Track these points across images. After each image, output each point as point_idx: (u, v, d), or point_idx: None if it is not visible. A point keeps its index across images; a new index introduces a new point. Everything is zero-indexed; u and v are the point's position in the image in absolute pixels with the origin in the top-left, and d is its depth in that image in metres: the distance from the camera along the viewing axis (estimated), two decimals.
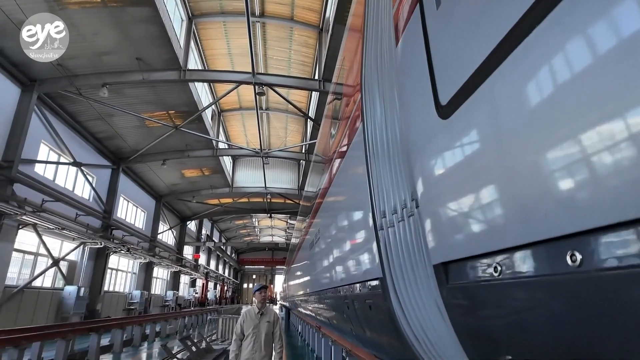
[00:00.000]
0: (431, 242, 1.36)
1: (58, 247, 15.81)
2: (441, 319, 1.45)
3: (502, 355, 1.13)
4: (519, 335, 1.00)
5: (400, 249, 1.71)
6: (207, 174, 23.91)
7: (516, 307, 0.96)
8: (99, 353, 9.89)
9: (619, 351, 0.70)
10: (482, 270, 1.03)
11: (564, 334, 0.82)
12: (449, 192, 1.25)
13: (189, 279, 35.03)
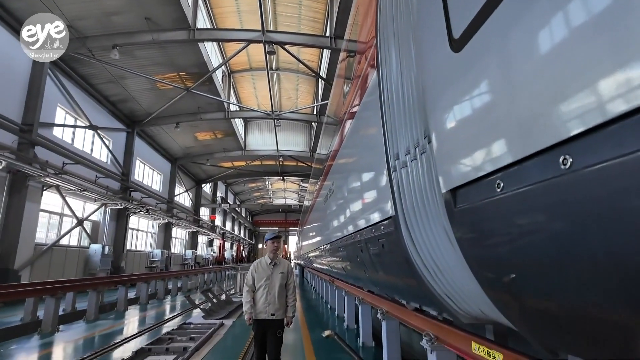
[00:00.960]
0: (441, 173, 1.46)
1: (81, 208, 16.50)
2: (449, 245, 1.58)
3: (506, 274, 1.26)
4: (522, 247, 1.11)
5: (412, 187, 1.82)
6: (219, 137, 24.08)
7: (517, 219, 1.07)
8: (127, 303, 10.62)
9: (608, 243, 0.81)
10: (486, 189, 1.14)
11: (561, 239, 0.93)
12: (459, 122, 1.33)
13: (207, 239, 36.30)
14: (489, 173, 1.09)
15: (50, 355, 5.73)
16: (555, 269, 1.02)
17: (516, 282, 1.18)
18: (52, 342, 6.51)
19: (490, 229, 1.22)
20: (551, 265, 1.02)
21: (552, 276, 1.05)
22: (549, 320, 1.17)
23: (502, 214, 1.11)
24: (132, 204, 18.95)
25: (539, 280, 1.10)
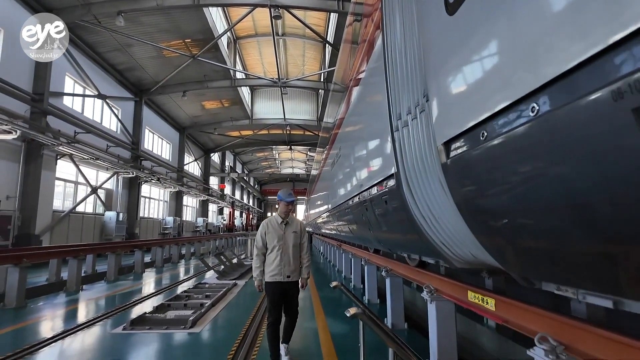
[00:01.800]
0: (436, 128, 1.60)
1: (94, 177, 16.93)
2: (444, 195, 1.74)
3: (491, 217, 1.42)
4: (503, 191, 1.27)
5: (412, 144, 1.96)
6: (226, 105, 24.04)
7: (498, 164, 1.22)
8: (143, 266, 11.16)
9: (570, 182, 0.95)
10: (473, 140, 1.28)
11: (533, 181, 1.08)
12: (451, 80, 1.45)
13: (217, 208, 37.05)
14: (475, 124, 1.23)
15: (77, 309, 6.18)
16: (531, 210, 1.17)
17: (500, 224, 1.34)
18: (78, 298, 6.99)
19: (476, 176, 1.38)
20: (528, 206, 1.17)
21: (528, 217, 1.21)
22: (526, 256, 1.34)
23: (486, 161, 1.25)
24: (143, 172, 19.34)
25: (518, 221, 1.26)
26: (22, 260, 6.20)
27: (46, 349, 4.09)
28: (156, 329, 4.82)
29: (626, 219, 0.84)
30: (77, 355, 4.03)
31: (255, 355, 3.87)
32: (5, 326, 5.00)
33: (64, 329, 4.79)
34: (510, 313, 2.29)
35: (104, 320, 5.33)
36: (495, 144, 1.14)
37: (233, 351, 3.96)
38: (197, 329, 4.84)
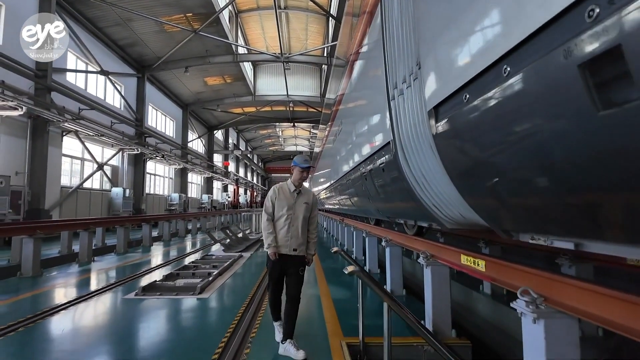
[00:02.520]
0: (427, 93, 1.69)
1: (100, 153, 17.12)
2: (434, 159, 1.85)
3: (475, 177, 1.53)
4: (484, 151, 1.38)
5: (406, 111, 2.06)
6: (229, 81, 23.87)
7: (479, 125, 1.32)
8: (151, 240, 11.47)
9: (540, 139, 1.06)
10: (457, 103, 1.38)
11: (510, 140, 1.18)
12: (439, 48, 1.54)
13: (221, 185, 37.39)
14: (458, 88, 1.33)
15: (91, 278, 6.47)
16: (507, 168, 1.29)
17: (482, 183, 1.45)
18: (90, 268, 7.29)
19: (461, 139, 1.49)
20: (504, 165, 1.29)
21: (506, 175, 1.33)
22: (506, 211, 1.46)
23: (468, 123, 1.36)
24: (148, 149, 19.49)
25: (498, 179, 1.38)
26: (36, 232, 6.45)
27: (64, 311, 4.35)
28: (166, 294, 5.08)
29: (581, 170, 0.95)
30: (94, 317, 4.30)
31: (260, 317, 4.10)
32: (24, 292, 5.28)
33: (80, 294, 5.06)
34: (498, 272, 2.44)
35: (117, 287, 5.60)
36: (475, 105, 1.25)
37: (240, 314, 4.19)
38: (205, 295, 5.09)
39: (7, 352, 3.16)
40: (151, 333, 3.75)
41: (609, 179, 0.88)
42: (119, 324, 4.06)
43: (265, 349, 3.24)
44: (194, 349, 3.22)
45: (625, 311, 1.53)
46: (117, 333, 3.74)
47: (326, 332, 3.65)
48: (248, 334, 3.58)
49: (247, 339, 3.46)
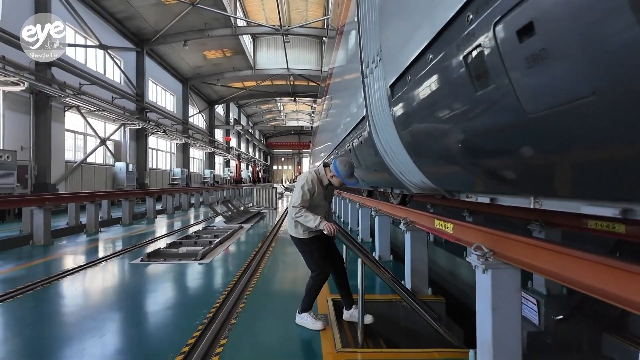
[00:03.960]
0: (386, 73, 1.92)
1: (102, 128, 17.34)
2: (394, 131, 2.10)
3: (419, 146, 1.78)
4: (425, 123, 1.62)
5: (374, 89, 2.29)
6: (228, 55, 23.68)
7: (420, 101, 1.56)
8: (155, 212, 11.87)
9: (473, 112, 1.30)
10: (403, 83, 1.61)
11: (446, 112, 1.42)
12: (390, 33, 1.76)
13: (223, 160, 37.67)
14: (403, 71, 1.57)
15: (98, 246, 6.86)
16: (440, 141, 1.54)
17: (425, 152, 1.71)
18: (98, 238, 7.69)
19: (407, 114, 1.73)
20: (438, 138, 1.54)
21: (440, 146, 1.58)
22: (446, 175, 1.72)
23: (411, 100, 1.60)
24: (149, 124, 19.67)
25: (436, 148, 1.63)
26: (45, 203, 6.80)
27: (76, 274, 4.74)
28: (170, 260, 5.46)
29: (485, 142, 1.21)
30: (103, 279, 4.69)
31: (255, 280, 4.46)
32: (38, 258, 5.69)
33: (89, 260, 5.45)
34: (462, 233, 2.74)
35: (123, 254, 5.99)
36: (414, 86, 1.49)
37: (238, 275, 4.56)
38: (206, 260, 5.47)
39: (27, 308, 3.55)
40: (156, 292, 4.13)
41: (500, 150, 1.13)
42: (126, 284, 4.45)
43: (258, 304, 3.61)
44: (195, 304, 3.59)
45: (557, 260, 1.81)
46: (124, 292, 4.13)
47: None
48: (244, 292, 3.95)
49: (244, 296, 3.83)
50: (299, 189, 2.98)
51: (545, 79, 0.84)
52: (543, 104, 0.88)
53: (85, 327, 3.04)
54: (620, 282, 1.41)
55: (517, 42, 0.84)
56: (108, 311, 3.50)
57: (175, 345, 2.63)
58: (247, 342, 2.77)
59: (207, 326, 2.98)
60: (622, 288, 1.41)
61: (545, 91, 0.85)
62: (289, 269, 5.25)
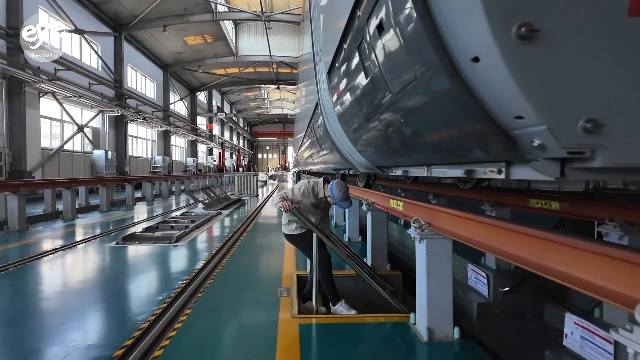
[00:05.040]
0: (325, 59, 2.11)
1: (79, 115, 17.01)
2: (335, 117, 2.30)
3: (351, 128, 1.97)
4: (352, 107, 1.82)
5: (321, 76, 2.48)
6: (209, 41, 23.35)
7: (342, 89, 1.76)
8: (134, 199, 11.87)
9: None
10: (335, 71, 1.81)
11: (367, 97, 1.63)
12: (326, 30, 1.95)
13: (206, 148, 37.35)
14: (334, 57, 1.76)
15: (75, 231, 6.92)
16: (364, 124, 1.74)
17: (357, 134, 1.91)
18: (75, 224, 7.73)
19: (339, 99, 1.93)
20: (362, 121, 1.74)
21: (365, 128, 1.78)
22: (376, 155, 1.93)
23: (340, 87, 1.80)
24: (129, 111, 19.38)
25: (362, 132, 1.83)
26: (19, 189, 6.79)
27: (50, 256, 4.84)
28: (145, 243, 5.59)
29: (393, 125, 1.42)
30: (77, 260, 4.80)
31: (225, 263, 4.65)
32: (12, 242, 5.74)
33: (64, 244, 5.54)
34: (409, 210, 2.98)
35: (99, 238, 6.08)
36: (340, 75, 1.68)
37: (210, 256, 4.73)
38: (180, 244, 5.62)
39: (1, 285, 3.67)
40: (128, 271, 4.28)
41: (396, 130, 1.34)
42: (99, 265, 4.58)
43: (226, 281, 3.82)
44: (167, 280, 3.77)
45: (478, 229, 2.05)
46: (97, 271, 4.27)
47: (282, 267, 4.25)
48: (214, 271, 4.14)
49: (213, 274, 4.02)
50: (294, 187, 3.22)
51: (391, 70, 1.07)
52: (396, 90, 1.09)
53: (55, 303, 3.19)
54: (520, 243, 1.63)
55: (377, 37, 1.02)
56: (81, 288, 3.65)
57: (145, 313, 2.82)
58: (211, 311, 2.98)
59: (175, 299, 3.17)
60: (519, 247, 1.65)
61: (397, 78, 1.06)
62: (259, 249, 5.46)
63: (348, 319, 2.88)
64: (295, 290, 3.47)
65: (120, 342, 2.38)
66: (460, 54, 0.75)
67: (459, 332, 2.46)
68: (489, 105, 0.76)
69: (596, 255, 1.15)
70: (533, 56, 0.63)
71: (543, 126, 0.68)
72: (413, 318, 2.65)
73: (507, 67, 0.65)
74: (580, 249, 1.23)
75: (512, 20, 0.62)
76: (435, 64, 0.80)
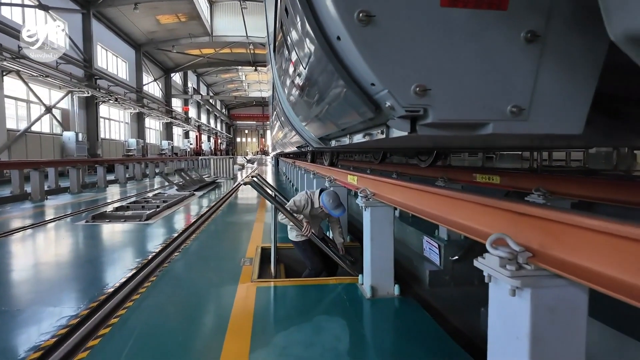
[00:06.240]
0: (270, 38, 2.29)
1: (47, 96, 16.43)
2: (282, 91, 2.49)
3: (300, 110, 2.18)
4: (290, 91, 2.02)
5: (272, 56, 2.66)
6: (183, 20, 22.73)
7: (280, 68, 1.95)
8: (106, 181, 11.73)
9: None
10: (277, 43, 1.99)
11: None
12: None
13: (182, 131, 36.69)
14: (274, 38, 1.93)
15: (44, 211, 6.89)
16: (301, 97, 1.94)
17: (299, 113, 2.11)
18: (44, 205, 7.67)
19: (283, 77, 2.11)
20: (300, 95, 1.93)
21: (301, 102, 1.98)
22: (312, 127, 2.14)
23: (282, 66, 1.97)
24: (100, 92, 18.82)
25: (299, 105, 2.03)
26: None
27: (19, 234, 4.88)
28: (115, 221, 5.67)
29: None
30: (46, 238, 4.86)
31: (194, 237, 4.81)
32: None
33: (33, 222, 5.56)
34: (361, 183, 3.22)
35: (69, 217, 6.11)
36: (280, 55, 1.86)
37: (179, 233, 4.88)
38: (151, 222, 5.73)
39: None
40: (97, 246, 4.40)
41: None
42: (68, 241, 4.66)
43: (192, 254, 4.00)
44: (135, 253, 3.92)
45: (411, 194, 2.30)
46: (67, 246, 4.37)
47: (249, 242, 4.45)
48: (182, 245, 4.31)
49: (180, 247, 4.19)
50: (295, 199, 3.51)
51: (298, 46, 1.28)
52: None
53: (23, 275, 3.30)
54: (435, 202, 1.88)
55: (285, 19, 1.21)
56: (50, 262, 3.76)
57: (112, 281, 2.99)
58: (174, 278, 3.17)
59: (141, 269, 3.34)
60: (434, 207, 1.91)
61: (304, 57, 1.27)
62: (229, 226, 5.64)
63: (303, 281, 3.13)
64: (258, 260, 3.69)
65: (87, 305, 2.55)
66: (330, 33, 0.94)
67: (399, 289, 2.75)
68: (355, 75, 0.97)
69: (477, 205, 1.41)
70: (372, 35, 0.83)
71: (386, 90, 0.89)
72: (361, 279, 2.92)
73: (355, 44, 0.85)
74: (471, 202, 1.48)
75: (354, 7, 0.82)
76: (315, 43, 0.99)
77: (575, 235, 1.02)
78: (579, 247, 1.01)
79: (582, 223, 0.98)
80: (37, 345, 2.04)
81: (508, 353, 1.13)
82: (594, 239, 0.97)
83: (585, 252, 0.99)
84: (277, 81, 2.70)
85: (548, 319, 1.05)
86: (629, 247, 0.86)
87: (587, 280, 0.94)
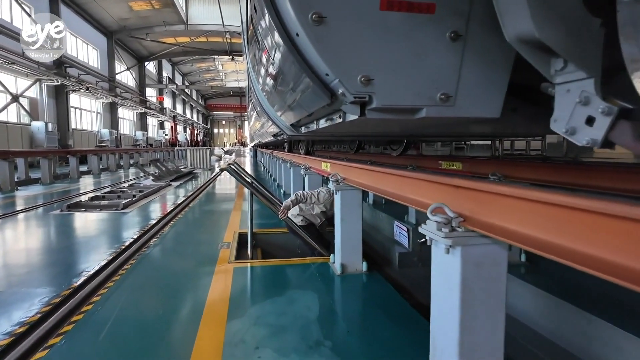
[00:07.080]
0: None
1: (13, 84, 15.78)
2: (256, 81, 2.63)
3: (274, 99, 2.35)
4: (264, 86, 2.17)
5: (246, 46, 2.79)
6: (157, 7, 22.13)
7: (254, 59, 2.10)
8: (79, 173, 11.50)
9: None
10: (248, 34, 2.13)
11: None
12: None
13: (157, 122, 35.87)
14: (247, 28, 2.06)
15: (15, 201, 6.76)
16: (272, 86, 2.09)
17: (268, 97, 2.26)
18: (15, 195, 7.51)
19: (256, 67, 2.25)
20: (270, 84, 2.09)
21: (272, 91, 2.14)
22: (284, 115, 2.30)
23: (255, 56, 2.12)
24: (70, 80, 18.20)
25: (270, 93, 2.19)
26: None
27: None
28: (91, 211, 5.67)
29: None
30: (20, 227, 4.84)
31: (171, 224, 4.90)
32: None
33: (4, 213, 5.48)
34: (333, 169, 3.41)
35: (42, 207, 6.05)
36: (252, 46, 2.00)
37: (154, 222, 4.94)
38: (127, 210, 5.75)
39: None
40: (74, 234, 4.43)
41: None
42: (44, 230, 4.66)
43: (170, 239, 4.10)
44: (113, 241, 3.99)
45: (375, 177, 2.50)
46: (42, 234, 4.38)
47: (226, 229, 4.58)
48: (160, 231, 4.40)
49: (158, 234, 4.28)
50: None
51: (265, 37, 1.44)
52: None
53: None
54: (389, 181, 2.09)
55: (254, 15, 1.37)
56: (26, 249, 3.78)
57: (91, 265, 3.08)
58: (153, 261, 3.28)
59: (119, 254, 3.43)
60: (388, 185, 2.11)
61: (271, 49, 1.43)
62: (206, 214, 5.75)
63: (279, 262, 3.31)
64: (236, 244, 3.84)
65: (67, 285, 2.65)
66: (291, 30, 1.11)
67: (367, 266, 2.97)
68: (313, 66, 1.14)
69: (424, 182, 1.62)
70: (324, 33, 1.00)
71: (337, 80, 1.06)
72: (332, 258, 3.13)
73: (310, 40, 1.02)
74: (420, 179, 1.69)
75: (308, 9, 0.98)
76: (279, 38, 1.16)
77: (498, 202, 1.23)
78: (501, 211, 1.22)
79: (503, 191, 1.20)
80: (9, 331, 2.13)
81: (445, 302, 1.35)
82: (511, 204, 1.18)
83: (505, 215, 1.21)
84: (252, 72, 2.84)
85: (475, 272, 1.27)
86: (539, 209, 1.08)
87: (507, 238, 1.15)
